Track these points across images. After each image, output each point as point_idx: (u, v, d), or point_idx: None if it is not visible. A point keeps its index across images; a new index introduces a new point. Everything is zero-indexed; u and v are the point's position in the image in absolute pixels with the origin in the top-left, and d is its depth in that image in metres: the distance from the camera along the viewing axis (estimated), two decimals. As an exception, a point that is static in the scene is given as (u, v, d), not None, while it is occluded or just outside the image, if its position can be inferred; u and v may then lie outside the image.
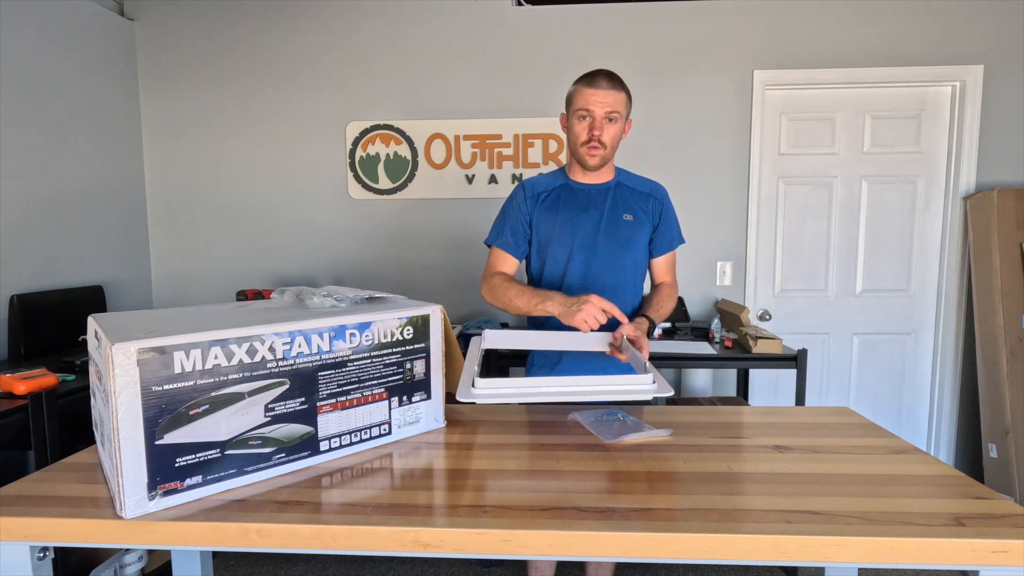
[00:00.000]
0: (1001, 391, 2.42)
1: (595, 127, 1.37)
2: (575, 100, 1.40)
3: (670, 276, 1.55)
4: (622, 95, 1.38)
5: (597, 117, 1.36)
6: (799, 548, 0.75)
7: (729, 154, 2.75)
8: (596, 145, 1.38)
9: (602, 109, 1.35)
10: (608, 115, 1.36)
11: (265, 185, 2.89)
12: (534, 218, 1.49)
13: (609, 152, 1.41)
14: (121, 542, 0.81)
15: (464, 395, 1.02)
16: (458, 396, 1.02)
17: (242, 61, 2.83)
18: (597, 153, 1.39)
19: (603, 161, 1.41)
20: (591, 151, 1.39)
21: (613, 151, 1.42)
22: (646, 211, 1.48)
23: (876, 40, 2.65)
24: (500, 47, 2.76)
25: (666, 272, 1.54)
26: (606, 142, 1.38)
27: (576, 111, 1.39)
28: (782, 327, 2.84)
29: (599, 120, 1.36)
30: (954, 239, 2.72)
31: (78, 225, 2.50)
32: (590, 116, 1.37)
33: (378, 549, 0.78)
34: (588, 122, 1.38)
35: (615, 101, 1.36)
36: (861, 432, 1.17)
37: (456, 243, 2.86)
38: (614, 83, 1.37)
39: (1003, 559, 0.74)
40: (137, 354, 0.79)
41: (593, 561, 1.61)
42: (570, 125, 1.43)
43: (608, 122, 1.37)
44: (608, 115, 1.36)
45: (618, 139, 1.41)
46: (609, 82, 1.36)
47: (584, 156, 1.41)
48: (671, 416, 1.28)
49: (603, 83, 1.35)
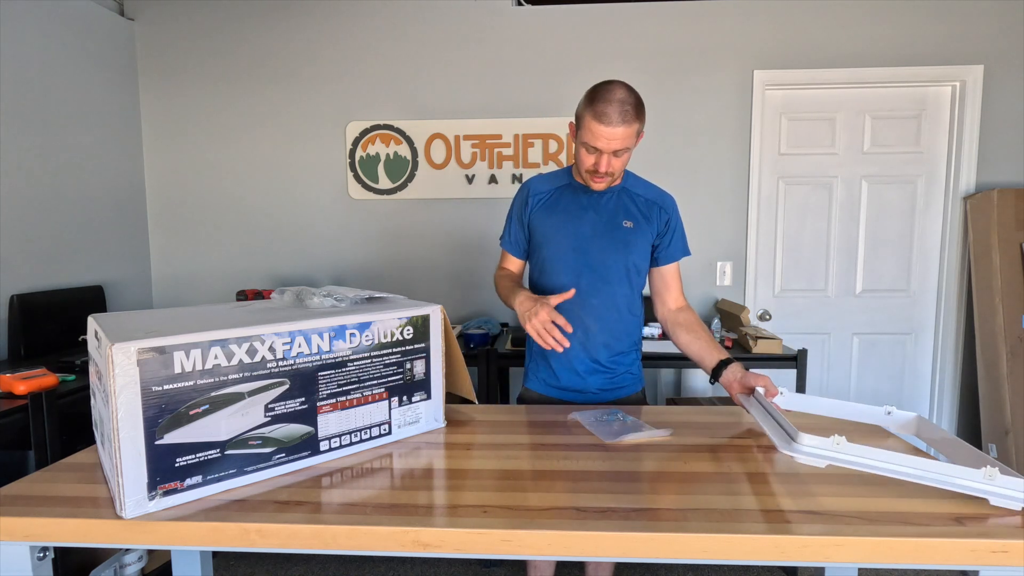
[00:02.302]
0: (1001, 391, 2.42)
1: (601, 164, 1.31)
2: (584, 128, 1.30)
3: (680, 290, 1.50)
4: (634, 127, 1.28)
5: (605, 153, 1.30)
6: (799, 548, 0.75)
7: (729, 154, 2.75)
8: (602, 177, 1.35)
9: (611, 147, 1.29)
10: (616, 151, 1.30)
11: (265, 185, 2.89)
12: (532, 219, 1.48)
13: (616, 178, 1.39)
14: (121, 542, 0.81)
15: (786, 449, 0.95)
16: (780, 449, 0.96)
17: (242, 61, 2.83)
18: (602, 182, 1.37)
19: (609, 185, 1.40)
20: (596, 180, 1.36)
21: (621, 175, 1.40)
22: (649, 219, 1.44)
23: (876, 40, 2.65)
24: (500, 47, 2.76)
25: (674, 282, 1.49)
26: (613, 172, 1.34)
27: (583, 142, 1.32)
28: (782, 327, 2.84)
29: (606, 157, 1.31)
30: (954, 239, 2.72)
31: (78, 225, 2.50)
32: (597, 152, 1.31)
33: (378, 549, 0.78)
34: (595, 156, 1.32)
35: (625, 138, 1.27)
36: (864, 432, 1.17)
37: (456, 243, 2.86)
38: (626, 118, 1.25)
39: (1003, 559, 0.74)
40: (137, 354, 0.79)
41: (593, 561, 1.61)
42: (577, 146, 1.37)
43: (616, 157, 1.32)
44: (616, 151, 1.30)
45: (626, 163, 1.37)
46: (620, 117, 1.25)
47: (590, 182, 1.38)
48: (671, 416, 1.28)
49: (614, 118, 1.24)
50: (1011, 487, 0.83)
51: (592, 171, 1.34)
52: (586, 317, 1.43)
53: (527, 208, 1.49)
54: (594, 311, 1.43)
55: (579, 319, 1.43)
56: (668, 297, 1.49)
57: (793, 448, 0.94)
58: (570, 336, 1.41)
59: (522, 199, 1.51)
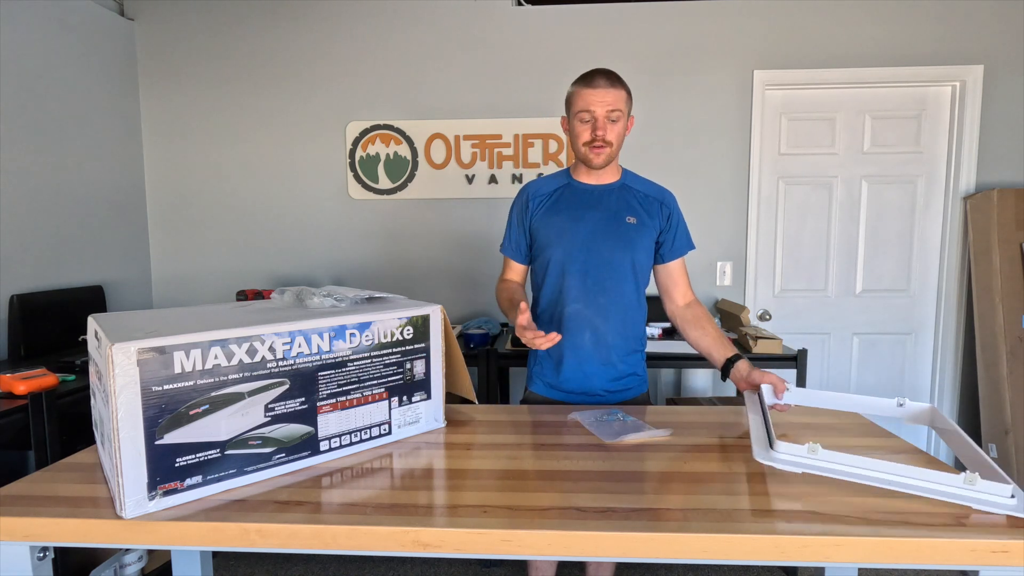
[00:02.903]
0: (1001, 391, 2.42)
1: (598, 127, 1.35)
2: (575, 102, 1.38)
3: (687, 285, 1.50)
4: (622, 92, 1.37)
5: (599, 117, 1.35)
6: (799, 548, 0.75)
7: (729, 154, 2.75)
8: (600, 144, 1.37)
9: (603, 108, 1.34)
10: (610, 114, 1.35)
11: (265, 185, 2.89)
12: (533, 222, 1.48)
13: (614, 150, 1.40)
14: (121, 542, 0.81)
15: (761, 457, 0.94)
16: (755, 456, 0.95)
17: (242, 61, 2.83)
18: (602, 151, 1.38)
19: (609, 159, 1.40)
20: (595, 150, 1.38)
21: (618, 148, 1.41)
22: (651, 215, 1.45)
23: (876, 40, 2.65)
24: (500, 47, 2.76)
25: (681, 278, 1.49)
26: (611, 140, 1.37)
27: (577, 113, 1.38)
28: (782, 327, 2.84)
29: (601, 120, 1.35)
30: (954, 239, 2.72)
31: (78, 225, 2.50)
32: (592, 117, 1.36)
33: (378, 549, 0.78)
34: (591, 123, 1.36)
35: (616, 99, 1.35)
36: (861, 432, 1.17)
37: (456, 243, 2.86)
38: (613, 81, 1.36)
39: (1003, 559, 0.74)
40: (137, 354, 0.79)
41: (593, 561, 1.61)
42: (572, 127, 1.41)
43: (611, 122, 1.36)
44: (610, 114, 1.35)
45: (622, 137, 1.40)
46: (608, 81, 1.35)
47: (589, 155, 1.39)
48: (671, 416, 1.28)
49: (602, 82, 1.35)
50: (994, 492, 0.82)
51: (590, 141, 1.37)
52: (595, 316, 1.43)
53: (528, 212, 1.49)
54: (603, 310, 1.43)
55: (588, 320, 1.43)
56: (676, 294, 1.49)
57: (770, 457, 0.93)
58: (580, 337, 1.44)
59: (522, 203, 1.51)
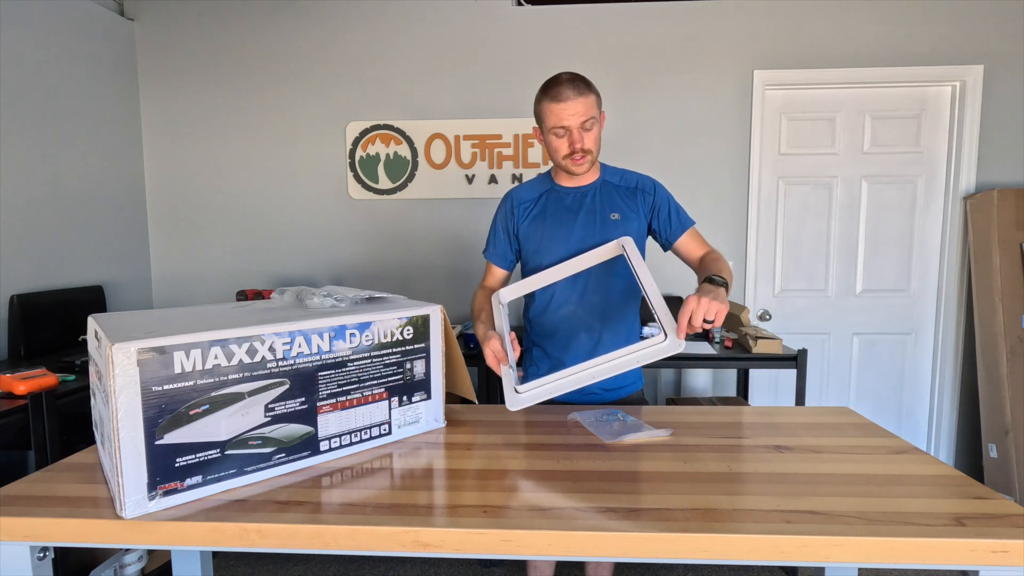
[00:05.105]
0: (1001, 391, 2.42)
1: (575, 140, 1.33)
2: (546, 118, 1.34)
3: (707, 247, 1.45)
4: (591, 97, 1.33)
5: (574, 130, 1.32)
6: (799, 548, 0.75)
7: (729, 154, 2.75)
8: (580, 155, 1.35)
9: (576, 120, 1.31)
10: (584, 124, 1.32)
11: (265, 185, 2.89)
12: (520, 229, 1.47)
13: (595, 155, 1.38)
14: (121, 542, 0.81)
15: (513, 404, 1.15)
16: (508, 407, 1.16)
17: (242, 61, 2.83)
18: (583, 161, 1.36)
19: (591, 164, 1.39)
20: (576, 161, 1.36)
21: (598, 151, 1.40)
22: (634, 207, 1.44)
23: (876, 40, 2.64)
24: (500, 47, 2.76)
25: (698, 247, 1.45)
26: (589, 147, 1.35)
27: (551, 129, 1.35)
28: (782, 327, 2.84)
29: (576, 133, 1.33)
30: (954, 239, 2.72)
31: (78, 225, 2.50)
32: (567, 130, 1.33)
33: (378, 549, 0.78)
34: (566, 137, 1.34)
35: (586, 108, 1.31)
36: (861, 432, 1.17)
37: (456, 243, 2.86)
38: (580, 90, 1.31)
39: (1003, 559, 0.74)
40: (137, 354, 0.79)
41: (593, 561, 1.61)
42: (548, 141, 1.38)
43: (586, 131, 1.34)
44: (584, 124, 1.32)
45: (599, 138, 1.38)
46: (575, 90, 1.30)
47: (570, 167, 1.38)
48: (671, 416, 1.28)
49: (570, 94, 1.30)
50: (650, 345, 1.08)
51: (568, 154, 1.35)
52: (588, 316, 1.43)
53: (513, 218, 1.49)
54: (597, 309, 1.43)
55: (581, 319, 1.43)
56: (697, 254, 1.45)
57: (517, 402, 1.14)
58: (576, 338, 1.44)
59: (507, 210, 1.50)
